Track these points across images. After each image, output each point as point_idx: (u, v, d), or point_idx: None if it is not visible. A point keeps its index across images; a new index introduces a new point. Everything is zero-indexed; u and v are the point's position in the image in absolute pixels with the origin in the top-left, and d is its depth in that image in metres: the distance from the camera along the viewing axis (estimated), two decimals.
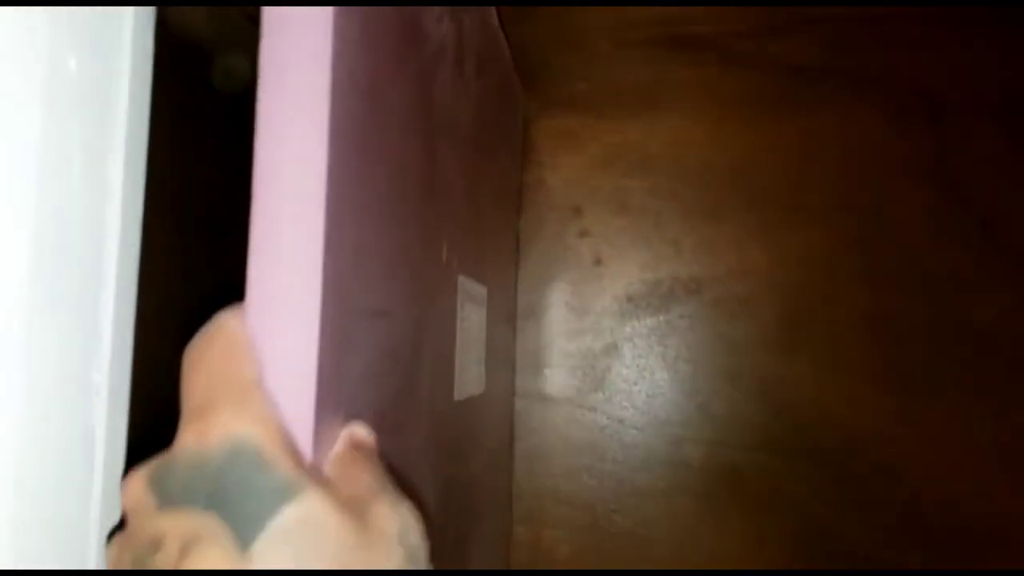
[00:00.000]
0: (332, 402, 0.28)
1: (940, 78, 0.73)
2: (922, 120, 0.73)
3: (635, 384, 0.76)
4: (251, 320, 0.27)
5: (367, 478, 0.28)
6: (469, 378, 0.54)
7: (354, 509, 0.26)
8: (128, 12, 0.31)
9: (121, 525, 0.28)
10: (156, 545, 0.25)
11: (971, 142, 0.72)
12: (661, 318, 0.76)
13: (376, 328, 0.33)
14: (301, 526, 0.24)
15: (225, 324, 0.28)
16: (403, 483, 0.30)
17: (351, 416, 0.30)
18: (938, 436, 0.71)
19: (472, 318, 0.54)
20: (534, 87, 0.80)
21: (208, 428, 0.25)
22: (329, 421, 0.28)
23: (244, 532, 0.24)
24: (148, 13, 0.34)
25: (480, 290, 0.56)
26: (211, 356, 0.27)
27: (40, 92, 0.26)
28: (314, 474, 0.26)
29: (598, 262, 0.78)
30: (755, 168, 0.75)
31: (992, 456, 0.71)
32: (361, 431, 0.30)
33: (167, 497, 0.25)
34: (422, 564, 0.27)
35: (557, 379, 0.78)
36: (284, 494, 0.24)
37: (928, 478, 0.71)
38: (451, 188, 0.48)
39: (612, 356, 0.77)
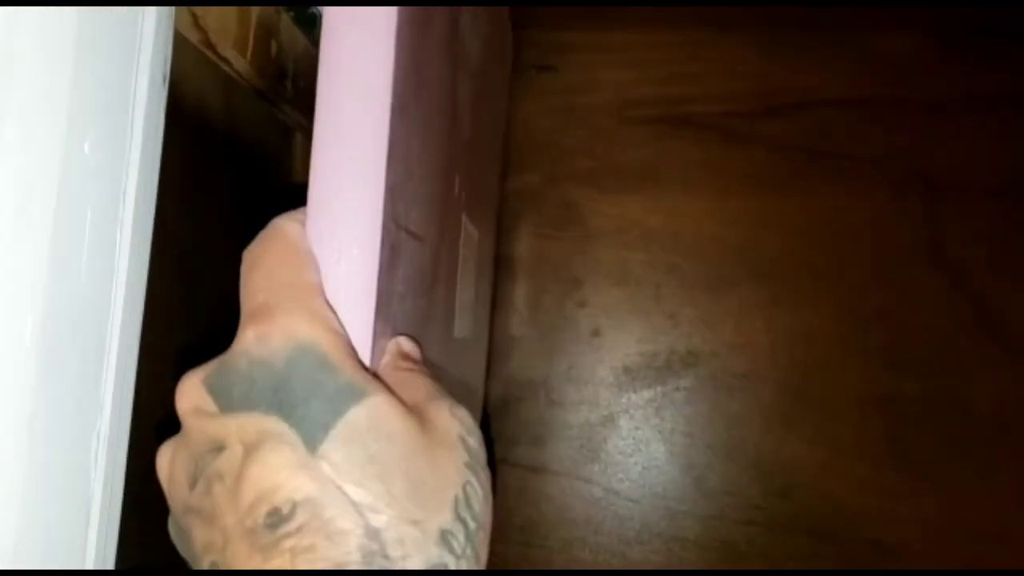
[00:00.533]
0: (384, 314, 0.28)
1: (937, 159, 0.75)
2: (919, 200, 0.75)
3: (631, 456, 0.76)
4: (313, 227, 0.27)
5: (421, 385, 0.28)
6: (464, 318, 0.53)
7: (415, 412, 0.26)
8: (142, 97, 0.33)
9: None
10: (218, 447, 0.25)
11: (967, 223, 0.74)
12: (658, 390, 0.77)
13: (412, 250, 0.34)
14: (369, 427, 0.24)
15: (285, 228, 0.27)
16: (453, 392, 0.30)
17: (395, 332, 0.30)
18: (936, 516, 0.71)
19: (468, 257, 0.54)
20: (537, 161, 0.81)
21: (271, 330, 0.25)
22: (382, 332, 0.28)
23: (311, 433, 0.24)
24: (160, 96, 0.35)
25: (474, 233, 0.56)
26: (271, 259, 0.27)
27: (56, 177, 0.27)
28: (376, 379, 0.26)
29: (596, 333, 0.78)
30: (755, 244, 0.77)
31: (990, 538, 0.70)
32: (407, 343, 0.30)
33: (228, 400, 0.25)
34: (481, 466, 0.27)
35: (553, 450, 0.78)
36: (351, 396, 0.24)
37: (925, 557, 0.71)
38: (463, 123, 0.48)
39: (609, 428, 0.77)
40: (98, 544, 0.31)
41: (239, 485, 0.24)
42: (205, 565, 0.25)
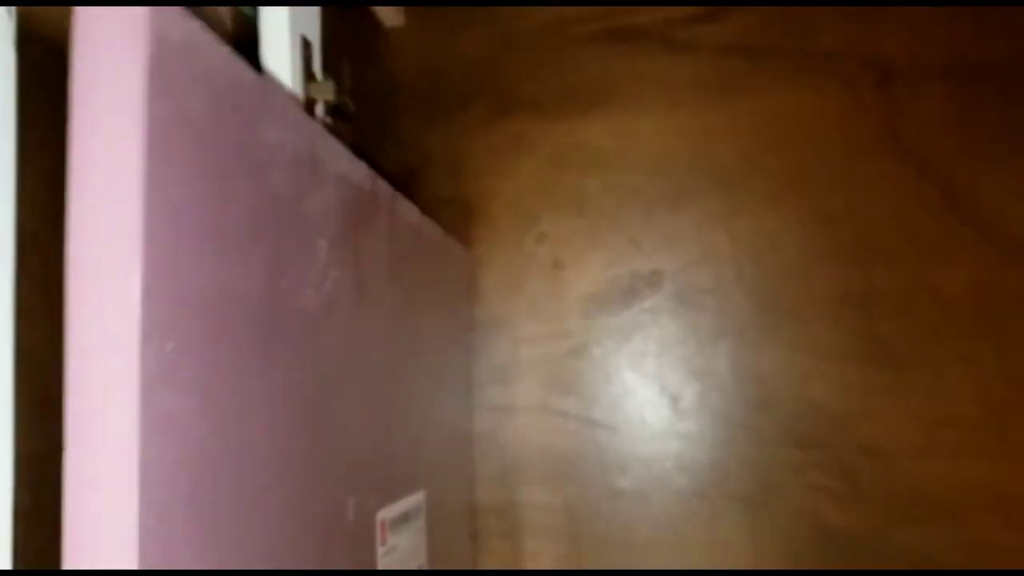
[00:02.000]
0: None
1: (887, 46, 0.72)
2: (874, 90, 0.72)
3: (604, 385, 0.75)
4: None
5: None
6: None
7: None
8: None
9: None
10: None
11: (924, 108, 0.71)
12: (625, 316, 0.75)
13: None
14: None
15: None
16: None
17: None
18: (922, 410, 0.69)
19: (401, 541, 0.51)
20: (482, 94, 0.79)
21: None
22: None
23: None
24: (8, 30, 0.33)
25: (413, 501, 0.54)
26: None
27: None
28: None
29: (558, 265, 0.76)
30: (711, 153, 0.74)
31: (978, 426, 0.68)
32: None
33: None
34: None
35: (525, 388, 0.76)
36: None
37: (914, 453, 0.69)
38: (355, 438, 0.44)
39: (579, 358, 0.75)
40: None
41: None
42: None
